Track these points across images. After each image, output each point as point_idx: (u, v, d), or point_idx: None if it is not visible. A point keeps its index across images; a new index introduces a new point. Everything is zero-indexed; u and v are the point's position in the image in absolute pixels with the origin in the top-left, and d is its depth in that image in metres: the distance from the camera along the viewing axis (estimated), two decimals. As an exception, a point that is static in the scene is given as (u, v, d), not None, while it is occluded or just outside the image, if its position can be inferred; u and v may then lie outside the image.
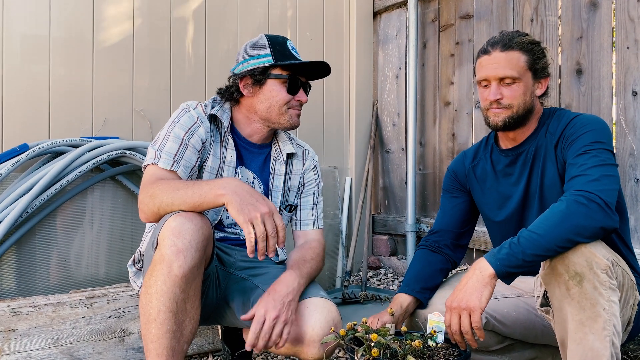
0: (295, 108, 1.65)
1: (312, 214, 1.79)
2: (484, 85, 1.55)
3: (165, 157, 1.49)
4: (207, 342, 2.10)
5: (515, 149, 1.60)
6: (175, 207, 1.34)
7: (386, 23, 3.37)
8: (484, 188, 1.69)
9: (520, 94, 1.51)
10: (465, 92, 2.91)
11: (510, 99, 1.51)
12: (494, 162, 1.67)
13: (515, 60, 1.51)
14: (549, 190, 1.54)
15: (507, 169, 1.63)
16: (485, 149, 1.71)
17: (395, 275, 3.19)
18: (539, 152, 1.56)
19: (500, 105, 1.52)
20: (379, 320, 1.52)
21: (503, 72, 1.50)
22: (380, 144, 3.42)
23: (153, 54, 2.60)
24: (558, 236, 1.26)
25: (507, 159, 1.62)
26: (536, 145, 1.57)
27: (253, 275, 1.63)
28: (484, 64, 1.54)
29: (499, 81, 1.51)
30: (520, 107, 1.52)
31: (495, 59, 1.51)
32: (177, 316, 1.29)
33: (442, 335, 1.32)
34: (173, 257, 1.26)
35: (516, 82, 1.50)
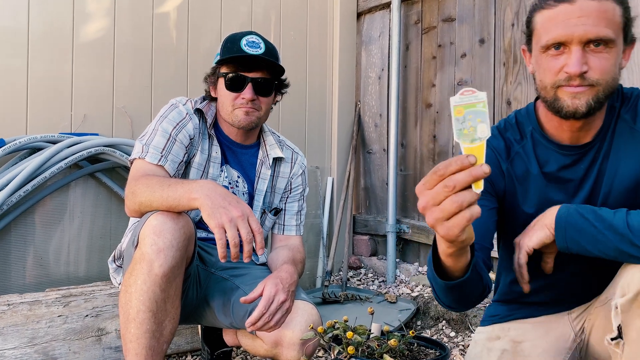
0: (242, 106, 1.58)
1: (296, 219, 1.79)
2: (555, 49, 1.09)
3: (152, 151, 1.49)
4: (186, 341, 2.08)
5: (582, 147, 1.19)
6: (154, 207, 1.34)
7: (369, 24, 3.38)
8: (526, 192, 1.24)
9: (612, 66, 1.08)
10: (446, 95, 2.94)
11: (600, 73, 1.07)
12: (540, 161, 1.22)
13: (611, 14, 1.07)
14: (619, 196, 1.17)
15: (564, 172, 1.21)
16: (523, 139, 1.25)
17: (376, 275, 3.21)
18: (613, 148, 1.18)
19: (584, 82, 1.07)
20: None
21: (596, 32, 1.05)
22: (362, 144, 3.44)
23: (134, 50, 2.57)
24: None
25: (567, 159, 1.20)
26: (610, 138, 1.18)
27: (234, 275, 1.62)
28: (560, 17, 1.08)
29: (583, 45, 1.07)
30: (607, 86, 1.09)
31: (583, 10, 1.06)
32: (156, 316, 1.29)
33: (487, 125, 0.80)
34: (154, 256, 1.25)
35: (609, 48, 1.07)
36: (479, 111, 0.79)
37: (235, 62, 1.56)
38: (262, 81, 1.59)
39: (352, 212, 3.34)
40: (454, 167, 0.75)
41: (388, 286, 2.99)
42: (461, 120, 0.79)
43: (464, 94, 0.79)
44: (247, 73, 1.57)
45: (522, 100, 2.51)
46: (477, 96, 0.79)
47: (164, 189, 1.32)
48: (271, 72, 1.60)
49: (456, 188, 0.74)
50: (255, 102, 1.58)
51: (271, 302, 1.36)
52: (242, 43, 1.55)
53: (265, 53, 1.56)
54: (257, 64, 1.57)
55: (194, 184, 1.30)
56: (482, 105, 0.79)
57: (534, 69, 1.17)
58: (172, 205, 1.30)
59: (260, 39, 1.59)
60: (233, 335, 1.72)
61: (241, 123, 1.60)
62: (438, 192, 0.76)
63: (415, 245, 3.12)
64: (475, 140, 0.78)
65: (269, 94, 1.62)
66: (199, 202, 1.26)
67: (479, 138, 0.78)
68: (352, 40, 3.42)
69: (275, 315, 1.37)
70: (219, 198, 1.26)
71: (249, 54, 1.54)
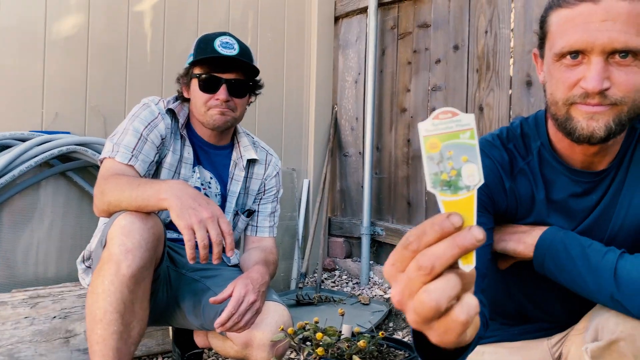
0: (216, 107, 1.57)
1: (269, 221, 1.79)
2: (572, 58, 0.90)
3: (123, 150, 1.47)
4: (156, 343, 2.06)
5: (596, 174, 1.02)
6: (122, 207, 1.32)
7: (347, 28, 3.41)
8: (527, 214, 1.07)
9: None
10: (420, 100, 2.98)
11: (625, 90, 0.87)
12: (548, 184, 1.04)
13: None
14: (629, 233, 1.03)
15: (573, 200, 1.04)
16: (529, 154, 1.06)
17: (350, 277, 3.23)
18: (629, 177, 1.02)
19: (605, 101, 0.88)
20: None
21: (624, 40, 0.85)
22: (339, 147, 3.46)
23: (109, 48, 2.54)
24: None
25: (578, 187, 1.03)
26: (627, 166, 1.02)
27: (205, 277, 1.61)
28: (580, 19, 0.88)
29: (607, 56, 0.87)
30: (634, 106, 0.90)
31: (609, 12, 0.85)
32: (124, 317, 1.27)
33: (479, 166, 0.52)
34: (121, 257, 1.24)
35: (639, 60, 0.87)
36: (464, 144, 0.50)
37: (209, 63, 1.56)
38: (237, 82, 1.59)
39: (327, 215, 3.35)
40: (431, 235, 0.48)
41: (362, 288, 3.01)
42: (437, 158, 0.51)
43: (439, 117, 0.51)
44: (221, 74, 1.56)
45: (494, 106, 2.56)
46: (461, 121, 0.51)
47: (133, 188, 1.31)
48: (245, 73, 1.60)
49: (435, 270, 0.47)
50: (229, 103, 1.58)
51: (241, 302, 1.36)
52: (215, 44, 1.54)
53: (239, 54, 1.56)
54: (232, 65, 1.56)
55: (163, 184, 1.29)
56: (470, 135, 0.50)
57: (545, 78, 0.98)
58: (141, 206, 1.29)
59: (234, 39, 1.59)
60: (204, 336, 1.71)
61: (216, 123, 1.59)
62: (411, 278, 0.48)
63: (389, 248, 3.15)
64: (461, 190, 0.50)
65: (244, 95, 1.62)
66: (167, 202, 1.25)
67: (465, 187, 0.50)
68: (329, 44, 3.44)
69: (245, 315, 1.37)
70: (188, 199, 1.25)
71: (223, 54, 1.53)
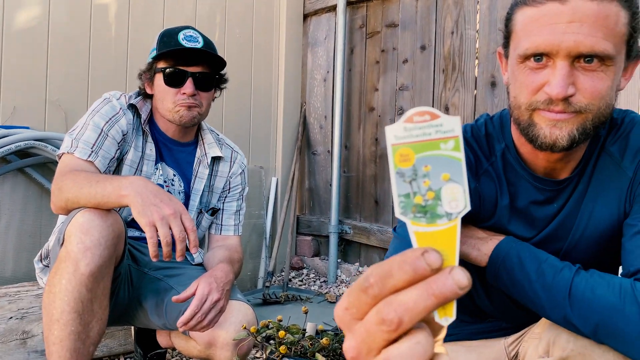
0: (183, 102, 1.54)
1: (234, 219, 1.77)
2: (536, 61, 0.86)
3: (82, 146, 1.44)
4: (118, 343, 2.02)
5: (559, 182, 0.99)
6: (81, 204, 1.29)
7: (316, 26, 3.41)
8: (489, 216, 1.03)
9: (607, 88, 0.85)
10: (388, 99, 3.00)
11: (590, 97, 0.84)
12: (512, 191, 1.01)
13: (612, 21, 0.82)
14: (589, 244, 1.00)
15: (534, 208, 1.01)
16: (492, 156, 1.03)
17: (318, 275, 3.23)
18: (591, 187, 0.98)
19: (569, 108, 0.84)
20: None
21: (590, 44, 0.81)
22: (308, 145, 3.45)
23: (71, 41, 2.47)
24: (603, 337, 0.85)
25: (540, 195, 1.00)
26: (590, 174, 0.98)
27: (168, 275, 1.59)
28: (546, 20, 0.83)
29: (572, 60, 0.83)
30: (598, 114, 0.86)
31: (577, 13, 0.81)
32: (82, 317, 1.24)
33: (464, 188, 0.38)
34: (80, 255, 1.21)
35: (605, 66, 0.83)
36: (445, 158, 0.39)
37: (174, 56, 1.53)
38: (202, 76, 1.56)
39: (295, 213, 3.35)
40: (399, 278, 0.35)
41: (329, 286, 3.02)
42: (409, 175, 0.39)
43: (413, 120, 0.39)
44: (187, 67, 1.54)
45: (459, 106, 2.60)
46: (442, 126, 0.39)
47: (92, 185, 1.28)
48: (211, 67, 1.58)
49: (403, 326, 0.35)
50: (196, 97, 1.56)
51: (204, 301, 1.35)
52: (179, 37, 1.52)
53: (204, 47, 1.54)
54: (197, 58, 1.54)
55: (123, 181, 1.26)
56: (453, 146, 0.38)
57: (509, 80, 0.94)
58: (100, 202, 1.26)
59: (198, 33, 1.57)
60: (167, 336, 1.69)
61: (183, 120, 1.56)
62: (371, 333, 0.36)
63: (357, 246, 3.17)
64: (439, 218, 0.38)
65: (210, 88, 1.60)
66: (128, 199, 1.23)
67: (446, 215, 0.38)
68: (298, 42, 3.43)
69: (209, 314, 1.36)
70: (150, 195, 1.23)
71: (187, 47, 1.51)
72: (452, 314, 0.37)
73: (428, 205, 0.38)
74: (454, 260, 0.38)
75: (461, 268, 0.36)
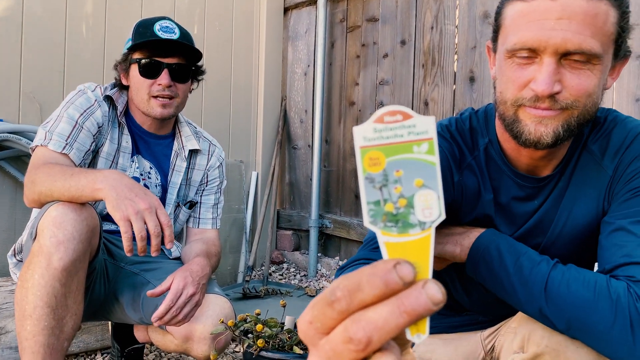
0: (159, 93, 1.52)
1: (212, 213, 1.76)
2: (524, 57, 0.86)
3: (56, 138, 1.41)
4: (95, 339, 2.00)
5: (540, 179, 1.00)
6: (55, 197, 1.27)
7: (296, 20, 3.39)
8: (471, 211, 1.04)
9: (594, 87, 0.85)
10: (369, 94, 3.01)
11: (576, 95, 0.84)
12: (495, 186, 1.02)
13: (601, 20, 0.82)
14: (567, 241, 1.00)
15: (515, 204, 1.02)
16: (475, 150, 1.03)
17: (298, 269, 3.23)
18: (571, 184, 0.99)
19: (555, 105, 0.85)
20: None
21: (577, 42, 0.81)
22: (288, 139, 3.45)
23: (46, 31, 2.42)
24: (579, 334, 0.85)
25: (521, 191, 1.01)
26: (571, 172, 0.99)
27: (145, 270, 1.57)
28: (535, 15, 0.83)
29: (560, 57, 0.83)
30: (584, 111, 0.86)
31: (566, 10, 0.81)
32: (56, 312, 1.22)
33: (439, 195, 0.36)
34: (53, 249, 1.19)
35: (592, 64, 0.84)
36: (418, 162, 0.36)
37: (150, 47, 1.51)
38: (179, 67, 1.55)
39: (275, 207, 3.34)
40: (368, 292, 0.33)
41: (309, 280, 3.02)
42: (379, 181, 0.36)
43: (384, 121, 0.36)
44: (163, 58, 1.52)
45: (439, 100, 2.62)
46: (415, 127, 0.36)
47: (66, 178, 1.25)
48: (187, 58, 1.56)
49: (372, 345, 0.33)
50: (171, 88, 1.54)
51: (179, 295, 1.34)
52: (155, 28, 1.50)
53: (180, 38, 1.52)
54: (173, 49, 1.52)
55: (98, 174, 1.25)
56: (428, 149, 0.36)
57: (496, 74, 0.94)
58: (74, 196, 1.24)
59: (174, 24, 1.55)
60: (144, 331, 1.67)
61: (157, 114, 1.55)
62: (337, 351, 0.34)
63: (337, 240, 3.18)
64: (412, 228, 0.36)
65: (186, 80, 1.58)
66: (103, 193, 1.21)
67: (419, 224, 0.36)
68: (278, 35, 3.41)
69: (184, 309, 1.35)
70: (124, 189, 1.21)
71: (163, 38, 1.49)
72: (425, 331, 0.35)
73: (400, 214, 0.36)
74: (427, 273, 0.35)
75: (435, 281, 0.33)
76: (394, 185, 0.36)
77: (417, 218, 0.36)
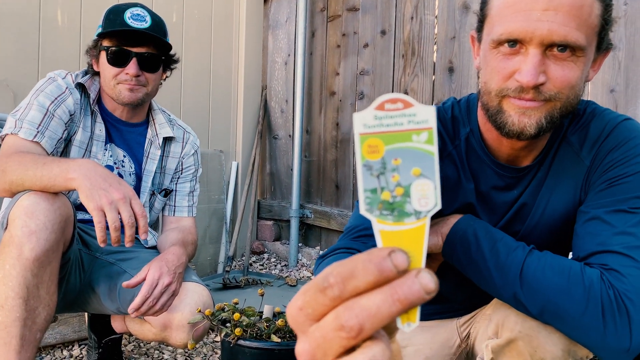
0: (126, 82, 1.50)
1: (188, 200, 1.75)
2: (509, 47, 0.86)
3: (27, 126, 1.38)
4: (72, 330, 1.98)
5: (520, 170, 1.01)
6: (26, 187, 1.25)
7: (276, 8, 3.36)
8: (452, 201, 1.04)
9: (577, 79, 0.86)
10: (349, 83, 3.00)
11: (560, 86, 0.85)
12: (475, 175, 1.03)
13: (586, 12, 0.83)
14: (545, 230, 1.02)
15: (494, 193, 1.03)
16: (456, 139, 1.04)
17: (279, 259, 3.24)
18: (550, 175, 1.00)
19: (539, 96, 0.86)
20: None
21: (563, 34, 0.82)
22: (269, 129, 3.43)
23: (19, 18, 2.36)
24: (551, 318, 0.86)
25: (501, 181, 1.02)
26: (550, 163, 1.00)
27: (121, 259, 1.56)
28: (521, 6, 0.84)
29: (545, 48, 0.84)
30: (567, 103, 0.88)
31: (552, 2, 0.82)
32: (28, 303, 1.21)
33: (436, 183, 0.37)
34: (24, 239, 1.17)
35: (576, 56, 0.85)
36: (417, 151, 0.36)
37: (119, 35, 1.49)
38: (148, 56, 1.52)
39: (256, 197, 3.33)
40: (362, 279, 0.34)
41: (290, 270, 3.03)
42: (377, 169, 0.37)
43: (384, 108, 0.36)
44: (132, 47, 1.49)
45: (418, 91, 2.63)
46: (415, 116, 0.36)
47: (38, 167, 1.23)
48: (158, 47, 1.54)
49: (364, 333, 0.33)
50: (140, 78, 1.52)
51: (155, 285, 1.33)
52: (125, 16, 1.47)
53: (151, 27, 1.49)
54: (143, 38, 1.50)
55: (71, 163, 1.22)
56: (427, 138, 0.36)
57: (480, 65, 0.95)
58: (46, 185, 1.22)
59: (146, 11, 1.52)
60: (121, 321, 1.66)
61: (124, 99, 1.52)
62: (328, 338, 0.34)
63: (317, 230, 3.18)
64: (407, 217, 0.37)
65: (156, 69, 1.56)
66: (76, 182, 1.19)
67: (415, 213, 0.37)
68: (258, 23, 3.38)
69: (161, 298, 1.34)
70: (98, 179, 1.20)
71: (133, 27, 1.46)
72: (416, 320, 0.35)
73: (396, 202, 0.36)
74: (420, 262, 0.36)
75: (428, 271, 0.34)
76: (392, 174, 0.36)
77: (413, 207, 0.36)
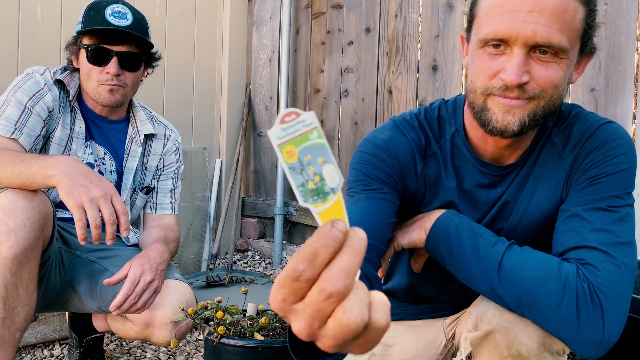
0: (107, 83, 1.48)
1: (170, 198, 1.73)
2: (495, 47, 0.89)
3: (4, 123, 1.36)
4: (53, 329, 1.95)
5: (504, 168, 1.03)
6: (4, 184, 1.23)
7: (261, 5, 3.35)
8: (434, 198, 1.07)
9: (560, 79, 0.89)
10: (334, 81, 3.00)
11: (543, 85, 0.88)
12: (458, 173, 1.06)
13: (570, 16, 0.86)
14: (527, 229, 1.04)
15: (478, 191, 1.05)
16: (442, 138, 1.07)
17: (263, 257, 3.23)
18: (533, 174, 1.03)
19: (523, 95, 0.89)
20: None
21: (546, 36, 0.85)
22: (253, 126, 3.42)
23: (-3, 13, 2.32)
24: (525, 311, 0.89)
25: (485, 179, 1.04)
26: (534, 162, 1.03)
27: (102, 257, 1.54)
28: (508, 7, 0.87)
29: (529, 49, 0.87)
30: (550, 102, 0.91)
31: (537, 3, 0.85)
32: (6, 302, 1.19)
33: (334, 164, 0.48)
34: (2, 237, 1.15)
35: (559, 58, 0.88)
36: (316, 145, 0.47)
37: (99, 33, 1.46)
38: (129, 55, 1.50)
39: (240, 195, 3.32)
40: (325, 254, 0.42)
41: (274, 268, 3.02)
42: (298, 167, 0.47)
43: (285, 121, 0.47)
44: (112, 46, 1.47)
45: (402, 89, 2.64)
46: (305, 121, 0.47)
47: (16, 164, 1.21)
48: (140, 45, 1.52)
49: (348, 289, 0.41)
50: (120, 77, 1.49)
51: (137, 283, 1.32)
52: (106, 13, 1.45)
53: (132, 25, 1.47)
54: (123, 37, 1.48)
55: (50, 160, 1.21)
56: (317, 134, 0.47)
57: (468, 64, 0.98)
58: (25, 183, 1.20)
59: (128, 8, 1.50)
60: (103, 320, 1.64)
61: (104, 102, 1.51)
62: (320, 309, 0.42)
63: (302, 227, 3.18)
64: (328, 195, 0.47)
65: (137, 68, 1.53)
66: (55, 179, 1.17)
67: (331, 190, 0.47)
68: (243, 20, 3.36)
69: (143, 296, 1.33)
70: (78, 176, 1.18)
71: (113, 25, 1.44)
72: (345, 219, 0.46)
73: (318, 188, 0.47)
74: (346, 223, 0.46)
75: (355, 227, 0.44)
76: (308, 167, 0.47)
77: (329, 187, 0.47)
